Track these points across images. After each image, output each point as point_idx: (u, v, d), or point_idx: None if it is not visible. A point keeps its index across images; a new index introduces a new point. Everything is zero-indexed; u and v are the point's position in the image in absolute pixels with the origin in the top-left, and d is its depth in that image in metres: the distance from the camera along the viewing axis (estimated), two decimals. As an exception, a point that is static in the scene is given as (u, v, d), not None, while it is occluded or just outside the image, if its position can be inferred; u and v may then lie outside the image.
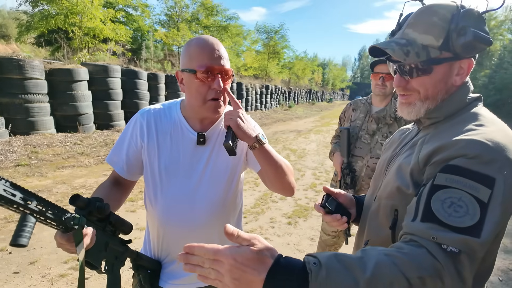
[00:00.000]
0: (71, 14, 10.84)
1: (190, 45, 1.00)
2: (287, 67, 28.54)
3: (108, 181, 1.12)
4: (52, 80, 7.12)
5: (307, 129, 13.56)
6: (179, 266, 1.08)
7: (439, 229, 0.56)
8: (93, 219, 0.83)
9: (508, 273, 2.88)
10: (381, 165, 0.94)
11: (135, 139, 1.08)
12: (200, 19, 18.37)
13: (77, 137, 7.19)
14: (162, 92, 10.19)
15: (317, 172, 6.22)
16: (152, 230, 1.12)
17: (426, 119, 0.80)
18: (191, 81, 0.98)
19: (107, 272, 0.90)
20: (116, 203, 1.06)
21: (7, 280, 2.40)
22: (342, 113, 2.28)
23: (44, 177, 4.95)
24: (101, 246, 0.85)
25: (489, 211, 0.57)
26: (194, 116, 1.08)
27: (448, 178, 0.60)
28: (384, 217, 0.80)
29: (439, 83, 0.76)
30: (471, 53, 0.73)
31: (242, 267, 0.54)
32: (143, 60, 12.62)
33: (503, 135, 0.65)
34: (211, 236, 1.09)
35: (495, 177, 0.58)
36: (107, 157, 1.14)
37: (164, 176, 1.06)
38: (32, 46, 14.68)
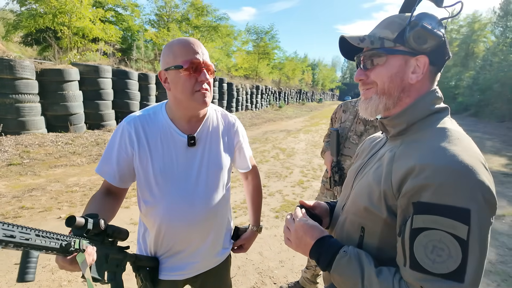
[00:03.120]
0: (59, 13, 10.77)
1: (172, 45, 1.03)
2: (277, 68, 28.78)
3: (99, 192, 1.13)
4: (43, 80, 7.15)
5: (297, 128, 13.81)
6: (177, 259, 1.17)
7: (426, 279, 0.61)
8: (90, 235, 0.85)
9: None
10: (351, 175, 0.95)
11: (125, 147, 1.08)
12: (190, 19, 18.40)
13: (68, 137, 7.24)
14: (152, 92, 10.27)
15: (304, 170, 6.44)
16: (151, 229, 1.16)
17: (391, 128, 0.81)
18: (177, 77, 1.01)
19: (110, 281, 0.94)
20: (110, 213, 1.08)
21: (9, 271, 2.53)
22: (334, 114, 2.39)
23: (38, 175, 5.03)
24: (102, 259, 0.89)
25: (470, 249, 0.59)
26: (181, 115, 1.10)
27: (425, 220, 0.62)
28: (350, 231, 0.83)
29: (394, 77, 0.77)
30: (422, 46, 0.73)
31: (304, 229, 0.83)
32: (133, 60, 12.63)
33: (469, 154, 0.64)
34: (209, 229, 1.18)
35: (469, 208, 0.59)
36: (96, 168, 1.13)
37: (161, 180, 1.09)
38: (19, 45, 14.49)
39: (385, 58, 0.78)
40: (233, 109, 16.28)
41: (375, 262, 0.72)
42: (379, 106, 0.80)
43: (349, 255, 0.73)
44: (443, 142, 0.68)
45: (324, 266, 0.77)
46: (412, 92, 0.78)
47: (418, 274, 0.63)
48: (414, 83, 0.76)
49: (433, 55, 0.75)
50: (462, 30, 36.07)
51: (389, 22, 0.79)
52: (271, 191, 5.00)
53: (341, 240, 0.86)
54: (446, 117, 0.77)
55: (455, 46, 36.93)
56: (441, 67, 0.78)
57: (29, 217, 3.51)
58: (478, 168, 0.62)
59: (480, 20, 33.63)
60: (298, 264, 2.91)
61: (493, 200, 0.63)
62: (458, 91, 30.07)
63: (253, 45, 24.25)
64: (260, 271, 2.78)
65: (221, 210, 1.22)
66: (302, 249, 0.83)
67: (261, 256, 3.02)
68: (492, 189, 0.63)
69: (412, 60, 0.75)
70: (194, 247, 1.17)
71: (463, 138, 0.69)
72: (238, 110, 17.02)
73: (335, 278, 0.76)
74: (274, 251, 3.12)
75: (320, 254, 0.77)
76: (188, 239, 1.15)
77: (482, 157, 0.68)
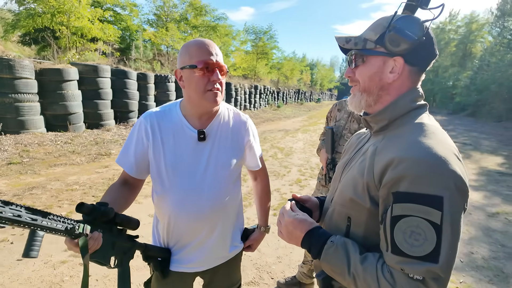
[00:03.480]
0: (58, 13, 10.80)
1: (189, 45, 1.10)
2: (276, 68, 28.86)
3: (117, 182, 1.21)
4: (42, 80, 7.19)
5: (295, 128, 13.87)
6: (187, 251, 1.21)
7: (405, 261, 0.67)
8: (99, 222, 0.91)
9: (470, 256, 3.21)
10: (339, 169, 1.00)
11: (141, 140, 1.16)
12: (188, 19, 18.44)
13: (67, 136, 7.28)
14: (151, 92, 10.31)
15: (302, 169, 6.50)
16: (162, 221, 1.21)
17: (374, 124, 0.87)
18: (191, 75, 1.07)
19: (117, 267, 1.01)
20: (125, 203, 1.16)
21: (11, 267, 2.58)
22: (329, 112, 2.44)
23: (37, 174, 5.07)
24: (108, 245, 0.94)
25: (443, 233, 0.64)
26: (193, 112, 1.16)
27: (403, 208, 0.67)
28: (338, 221, 0.89)
29: (374, 76, 0.83)
30: (396, 48, 0.78)
31: (294, 224, 0.87)
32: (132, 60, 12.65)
33: (443, 147, 0.70)
34: (216, 223, 1.21)
35: (442, 195, 0.65)
36: (116, 159, 1.22)
37: (171, 173, 1.14)
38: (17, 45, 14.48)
39: (366, 58, 0.84)
40: (232, 108, 16.31)
41: (361, 249, 0.77)
42: (361, 102, 0.87)
43: (336, 245, 0.78)
44: (419, 136, 0.73)
45: (315, 256, 0.83)
46: (392, 91, 0.83)
47: (399, 258, 0.68)
48: (392, 82, 0.82)
49: (410, 57, 0.79)
50: (460, 31, 36.25)
51: (376, 24, 0.84)
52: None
53: (330, 230, 0.91)
54: (424, 113, 0.82)
55: (453, 46, 37.14)
56: (423, 67, 0.82)
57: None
58: (450, 159, 0.68)
59: (477, 21, 33.81)
60: (295, 259, 2.97)
61: (465, 188, 0.68)
62: (456, 91, 30.22)
63: (251, 45, 24.31)
64: (258, 266, 2.84)
65: (229, 206, 1.25)
66: (294, 241, 0.88)
67: (259, 252, 3.08)
68: (464, 177, 0.68)
69: (390, 60, 0.81)
70: (201, 240, 1.21)
71: (438, 132, 0.75)
72: (237, 110, 17.04)
73: (325, 267, 0.81)
74: (272, 248, 3.18)
75: (310, 245, 0.83)
76: (195, 231, 1.19)
77: (455, 149, 0.73)
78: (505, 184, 5.95)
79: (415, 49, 0.78)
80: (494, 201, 4.93)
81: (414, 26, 0.77)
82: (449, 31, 37.24)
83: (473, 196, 5.16)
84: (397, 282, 0.68)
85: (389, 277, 0.69)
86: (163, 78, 10.75)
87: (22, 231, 3.16)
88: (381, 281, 0.70)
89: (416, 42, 0.76)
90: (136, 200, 4.14)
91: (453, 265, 0.68)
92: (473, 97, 24.64)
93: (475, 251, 3.29)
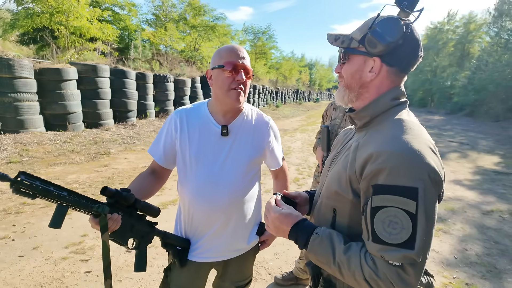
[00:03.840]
0: (57, 12, 10.82)
1: (221, 50, 1.21)
2: (274, 68, 28.93)
3: (146, 171, 1.33)
4: (41, 79, 7.22)
5: (293, 128, 13.93)
6: (205, 241, 1.27)
7: (385, 249, 0.71)
8: (121, 206, 1.02)
9: (464, 252, 3.26)
10: (327, 164, 1.04)
11: (171, 133, 1.28)
12: (187, 19, 18.47)
13: (66, 136, 7.31)
14: (150, 91, 10.35)
15: (300, 168, 6.56)
16: (184, 210, 1.30)
17: (358, 120, 0.91)
18: (219, 74, 1.18)
19: (135, 248, 1.10)
20: (150, 191, 1.28)
21: (13, 263, 2.62)
22: (325, 111, 2.49)
23: (37, 173, 5.10)
24: (127, 227, 1.04)
25: (418, 221, 0.69)
26: (219, 109, 1.26)
27: (382, 199, 0.72)
28: (325, 213, 0.93)
29: (355, 74, 0.87)
30: (374, 49, 0.82)
31: (280, 219, 0.90)
32: (131, 60, 12.68)
33: (419, 141, 0.74)
34: (231, 216, 1.27)
35: (416, 186, 0.69)
36: (148, 149, 1.35)
37: (194, 163, 1.24)
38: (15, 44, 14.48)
39: (349, 57, 0.89)
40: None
41: (345, 239, 0.81)
42: (344, 98, 0.92)
43: (321, 236, 0.82)
44: (397, 131, 0.77)
45: (301, 247, 0.87)
46: (371, 89, 0.87)
47: (379, 246, 0.72)
48: (370, 80, 0.86)
49: (388, 58, 0.83)
50: (458, 31, 36.39)
51: (364, 24, 0.87)
52: (267, 188, 5.10)
53: (318, 221, 0.96)
54: (404, 109, 0.86)
55: (451, 46, 37.28)
56: (403, 68, 0.85)
57: (31, 213, 3.59)
58: (425, 152, 0.72)
59: (475, 21, 33.92)
60: (292, 256, 3.02)
61: (438, 179, 0.72)
62: (454, 91, 30.34)
63: (250, 45, 24.35)
64: (256, 262, 2.88)
65: (245, 200, 1.30)
66: (281, 235, 0.92)
67: (257, 249, 3.13)
68: (438, 169, 0.72)
69: (370, 60, 0.84)
70: (217, 231, 1.27)
71: (415, 127, 0.79)
72: (235, 110, 17.08)
73: (312, 257, 0.86)
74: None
75: (296, 237, 0.87)
76: (211, 221, 1.26)
77: (431, 143, 0.77)
78: (500, 183, 6.02)
79: (392, 51, 0.81)
80: (489, 200, 5.00)
81: (392, 28, 0.79)
82: (447, 31, 37.37)
83: (469, 194, 5.23)
84: (379, 269, 0.72)
85: (372, 264, 0.73)
86: (162, 77, 10.79)
87: (23, 228, 3.20)
88: (364, 269, 0.74)
89: (391, 44, 0.80)
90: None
91: (428, 251, 0.72)
92: (471, 97, 24.74)
93: (469, 248, 3.35)
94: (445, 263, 3.04)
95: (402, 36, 0.80)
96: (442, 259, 3.11)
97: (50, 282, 2.43)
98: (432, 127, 16.73)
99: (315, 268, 0.92)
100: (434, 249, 3.29)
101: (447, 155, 8.77)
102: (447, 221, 4.05)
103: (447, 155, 8.70)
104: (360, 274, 0.74)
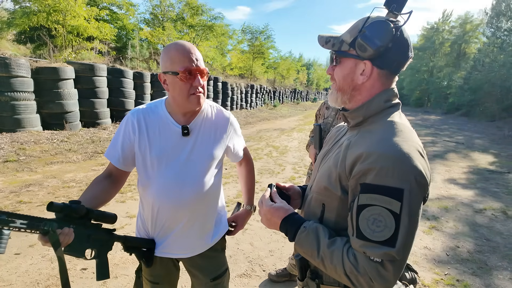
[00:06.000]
0: (54, 11, 10.79)
1: (170, 50, 1.15)
2: (272, 67, 28.95)
3: (101, 175, 1.28)
4: (38, 78, 7.22)
5: (291, 127, 13.97)
6: (172, 239, 1.29)
7: (367, 245, 0.74)
8: (72, 218, 0.98)
9: (456, 249, 3.32)
10: (319, 160, 1.06)
11: (128, 134, 1.23)
12: (185, 19, 18.46)
13: (63, 135, 7.31)
14: (147, 91, 10.35)
15: (296, 167, 6.60)
16: (147, 210, 1.29)
17: (351, 119, 0.93)
18: (174, 81, 1.15)
19: (94, 258, 1.08)
20: (106, 196, 1.23)
21: (9, 260, 2.65)
22: (318, 110, 2.52)
23: (34, 172, 5.12)
24: (82, 239, 1.01)
25: (401, 221, 0.71)
26: (178, 111, 1.24)
27: (368, 198, 0.74)
28: (315, 208, 0.96)
29: (347, 77, 0.89)
30: (364, 53, 0.83)
31: (271, 212, 0.94)
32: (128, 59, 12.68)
33: (408, 144, 0.76)
34: (196, 212, 1.29)
35: (402, 187, 0.71)
36: (105, 153, 1.29)
37: (156, 164, 1.22)
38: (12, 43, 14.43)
39: (341, 60, 0.90)
40: (228, 108, 16.39)
41: (331, 233, 0.85)
42: (337, 99, 0.94)
43: (307, 230, 0.86)
44: (387, 133, 0.80)
45: (291, 240, 0.91)
46: (363, 91, 0.89)
47: (362, 242, 0.75)
48: (362, 83, 0.88)
49: (378, 61, 0.84)
50: (454, 31, 36.55)
51: (354, 26, 0.88)
52: (263, 186, 5.14)
53: (308, 215, 0.99)
54: (396, 112, 0.88)
55: (447, 47, 37.44)
56: (394, 70, 0.87)
57: (28, 211, 3.61)
58: (413, 155, 0.74)
59: (472, 21, 34.10)
60: (287, 253, 3.06)
61: (424, 182, 0.75)
62: (450, 91, 30.50)
63: (248, 45, 24.37)
64: (250, 259, 2.93)
65: (210, 197, 1.33)
66: (273, 227, 0.96)
67: (252, 246, 3.17)
68: (424, 172, 0.75)
69: (361, 63, 0.86)
70: (184, 228, 1.29)
71: (405, 130, 0.81)
72: (233, 109, 17.14)
73: (298, 250, 0.90)
74: (264, 242, 3.28)
75: (286, 230, 0.91)
76: (177, 219, 1.27)
77: (420, 146, 0.80)
78: (494, 181, 6.09)
79: (382, 54, 0.83)
80: (482, 198, 5.06)
81: (382, 32, 0.81)
82: (444, 31, 37.53)
83: (462, 193, 5.30)
84: (359, 264, 0.75)
85: (353, 259, 0.76)
86: (159, 77, 10.77)
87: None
88: (345, 263, 0.77)
89: (381, 48, 0.81)
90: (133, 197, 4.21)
91: (409, 250, 0.75)
92: (467, 97, 24.90)
93: (461, 245, 3.40)
94: (437, 260, 3.09)
95: (392, 39, 0.82)
96: (434, 256, 3.16)
97: (46, 279, 2.45)
98: (429, 127, 16.84)
99: (302, 260, 0.96)
100: (427, 246, 3.35)
101: (443, 154, 8.85)
102: (440, 219, 4.10)
103: (443, 154, 8.78)
104: (341, 269, 0.77)
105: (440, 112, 29.30)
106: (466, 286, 2.66)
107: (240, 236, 3.37)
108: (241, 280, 2.63)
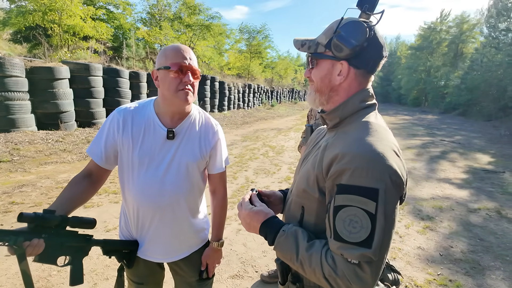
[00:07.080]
0: (50, 11, 10.74)
1: (166, 49, 1.19)
2: (270, 67, 28.97)
3: (80, 174, 1.24)
4: (33, 78, 7.17)
5: (288, 127, 13.97)
6: (151, 241, 1.28)
7: (345, 247, 0.73)
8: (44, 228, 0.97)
9: (449, 249, 3.32)
10: (299, 163, 1.06)
11: (112, 132, 1.22)
12: (182, 18, 18.42)
13: (58, 135, 7.27)
14: (144, 90, 10.32)
15: (292, 167, 6.60)
16: (129, 211, 1.28)
17: (329, 121, 0.93)
18: (165, 76, 1.16)
19: (67, 264, 1.07)
20: (84, 197, 1.21)
21: (0, 262, 2.62)
22: (309, 111, 2.49)
23: (28, 172, 5.08)
24: (55, 247, 1.00)
25: (377, 221, 0.71)
26: (166, 111, 1.23)
27: (344, 198, 0.74)
28: (294, 210, 0.95)
29: (324, 78, 0.89)
30: (340, 53, 0.84)
31: (250, 216, 0.94)
32: (124, 59, 12.63)
33: (383, 143, 0.76)
34: (175, 216, 1.28)
35: (377, 187, 0.71)
36: (87, 149, 1.26)
37: (137, 166, 1.21)
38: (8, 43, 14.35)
39: (317, 61, 0.90)
40: (225, 107, 16.35)
41: (310, 236, 0.84)
42: (315, 101, 0.94)
43: (286, 233, 0.85)
44: (362, 133, 0.80)
45: (270, 244, 0.90)
46: (341, 92, 0.89)
47: (339, 244, 0.74)
48: (339, 84, 0.88)
49: (355, 61, 0.85)
50: (451, 31, 36.66)
51: (329, 28, 0.88)
52: (259, 186, 5.13)
53: (288, 218, 0.98)
54: (372, 112, 0.88)
55: (445, 47, 37.55)
56: (370, 69, 0.87)
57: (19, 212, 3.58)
58: (388, 154, 0.74)
59: (468, 21, 34.20)
60: (280, 254, 3.05)
61: (399, 181, 0.74)
62: (447, 90, 30.62)
63: (245, 44, 24.35)
64: (243, 260, 2.92)
65: (190, 203, 1.31)
66: (253, 231, 0.95)
67: (245, 247, 3.16)
68: (400, 172, 0.74)
69: (338, 64, 0.86)
70: (164, 231, 1.27)
71: (380, 130, 0.81)
72: (230, 109, 17.11)
73: (278, 254, 0.89)
74: (257, 243, 3.26)
75: (266, 234, 0.90)
76: (156, 221, 1.26)
77: (395, 145, 0.79)
78: (489, 181, 6.11)
79: (358, 54, 0.83)
80: (477, 198, 5.08)
81: (356, 31, 0.82)
82: (441, 31, 37.63)
83: (457, 193, 5.31)
84: (337, 266, 0.74)
85: (331, 262, 0.76)
86: (155, 77, 10.73)
87: (11, 227, 3.19)
88: (324, 266, 0.76)
89: (357, 47, 0.82)
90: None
91: (386, 251, 0.74)
92: (464, 97, 25.01)
93: (454, 245, 3.40)
94: (430, 260, 3.09)
95: (366, 39, 0.82)
96: (427, 256, 3.16)
97: (36, 281, 2.43)
98: (426, 127, 16.88)
99: (283, 264, 0.94)
100: (420, 246, 3.35)
101: (439, 154, 8.87)
102: (434, 219, 4.11)
103: (439, 154, 8.80)
104: (320, 272, 0.77)
105: (437, 112, 29.39)
106: (459, 286, 2.66)
107: (233, 237, 3.36)
108: (233, 281, 2.62)
